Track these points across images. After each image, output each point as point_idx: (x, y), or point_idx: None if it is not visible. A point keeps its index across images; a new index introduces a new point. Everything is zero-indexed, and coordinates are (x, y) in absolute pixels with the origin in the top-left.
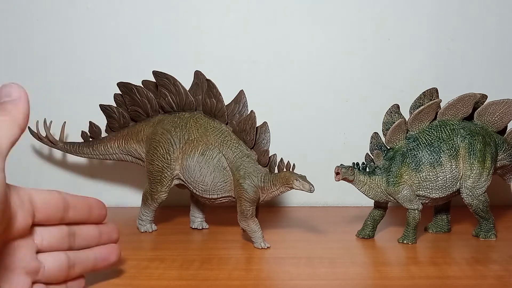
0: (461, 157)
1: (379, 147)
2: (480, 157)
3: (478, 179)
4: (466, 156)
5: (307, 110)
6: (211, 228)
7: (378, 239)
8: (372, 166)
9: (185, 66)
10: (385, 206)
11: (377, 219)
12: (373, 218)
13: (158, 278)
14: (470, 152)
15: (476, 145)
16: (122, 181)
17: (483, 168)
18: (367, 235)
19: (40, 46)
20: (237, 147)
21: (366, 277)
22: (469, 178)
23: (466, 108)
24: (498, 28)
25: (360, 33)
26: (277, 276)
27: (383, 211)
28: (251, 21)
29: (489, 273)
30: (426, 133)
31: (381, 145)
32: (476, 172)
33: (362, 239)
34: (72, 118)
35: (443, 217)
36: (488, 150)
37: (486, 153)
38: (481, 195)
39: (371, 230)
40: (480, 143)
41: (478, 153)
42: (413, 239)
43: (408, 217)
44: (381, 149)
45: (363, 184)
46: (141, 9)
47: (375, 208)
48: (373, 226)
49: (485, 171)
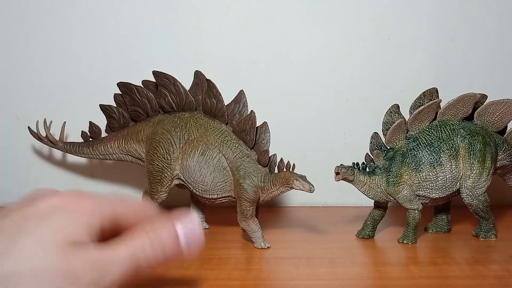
0: (461, 157)
1: (379, 147)
2: (480, 157)
3: (478, 179)
4: (466, 156)
5: (307, 110)
6: (211, 228)
7: (378, 239)
8: (372, 166)
9: (185, 66)
10: (385, 206)
11: (377, 219)
12: (373, 218)
13: (158, 278)
14: (470, 152)
15: (476, 145)
16: (122, 181)
17: (483, 168)
18: (367, 235)
19: (40, 46)
20: (237, 147)
21: (366, 277)
22: (469, 178)
23: (466, 108)
24: (498, 28)
25: (360, 33)
26: (277, 276)
27: (383, 211)
28: (251, 21)
29: (489, 273)
30: (426, 133)
31: (381, 145)
32: (476, 172)
33: (362, 239)
34: (72, 118)
35: (443, 217)
36: (488, 150)
37: (486, 153)
38: (481, 195)
39: (371, 230)
40: (480, 143)
41: (478, 153)
42: (413, 239)
43: (408, 217)
44: (381, 149)
45: (363, 184)
46: (141, 9)
47: (375, 208)
48: (373, 226)
49: (485, 171)
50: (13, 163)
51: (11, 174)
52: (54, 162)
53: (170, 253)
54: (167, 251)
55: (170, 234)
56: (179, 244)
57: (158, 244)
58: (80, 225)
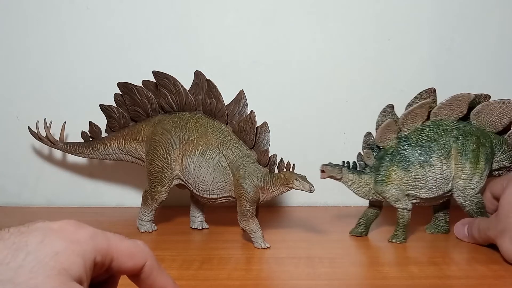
0: (453, 158)
1: (371, 146)
2: (472, 158)
3: (470, 180)
4: (458, 156)
5: (307, 110)
6: (211, 228)
7: (378, 239)
8: (363, 165)
9: (185, 66)
10: (379, 205)
11: (371, 218)
12: (367, 217)
13: None
14: (462, 152)
15: (468, 146)
16: (122, 181)
17: (476, 169)
18: (360, 233)
19: (40, 46)
20: (237, 147)
21: (366, 277)
22: (460, 178)
23: (460, 108)
24: (498, 28)
25: (360, 33)
26: (277, 276)
27: (377, 210)
28: (251, 21)
29: (489, 273)
30: (418, 133)
31: (373, 144)
32: (467, 173)
33: (360, 238)
34: (72, 118)
35: (441, 217)
36: (482, 151)
37: (479, 154)
38: (474, 196)
39: (363, 229)
40: (473, 143)
41: (470, 154)
42: (402, 238)
43: (397, 217)
44: (373, 149)
45: (352, 182)
46: (141, 9)
47: (369, 207)
48: (365, 225)
49: (477, 172)
50: (13, 163)
51: (11, 174)
52: (54, 162)
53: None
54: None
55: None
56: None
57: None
58: (76, 253)
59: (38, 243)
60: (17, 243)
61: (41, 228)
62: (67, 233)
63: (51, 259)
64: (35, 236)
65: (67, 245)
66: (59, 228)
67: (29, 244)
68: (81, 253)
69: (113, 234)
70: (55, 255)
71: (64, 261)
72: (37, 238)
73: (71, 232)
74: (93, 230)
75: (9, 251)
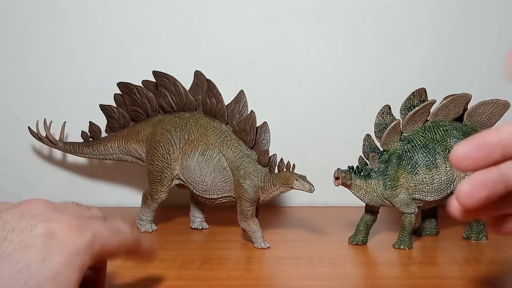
0: None
1: (373, 149)
2: None
3: None
4: None
5: (307, 110)
6: (211, 228)
7: (378, 240)
8: (367, 170)
9: (185, 66)
10: (377, 210)
11: (370, 224)
12: (366, 224)
13: (158, 278)
14: None
15: None
16: (122, 181)
17: None
18: (361, 241)
19: (40, 46)
20: (237, 147)
21: (366, 277)
22: (462, 180)
23: (457, 108)
24: (498, 28)
25: (360, 33)
26: (277, 276)
27: (375, 216)
28: (251, 21)
29: (489, 273)
30: (420, 135)
31: (375, 147)
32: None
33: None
34: (72, 118)
35: (431, 220)
36: None
37: None
38: None
39: (364, 236)
40: None
41: None
42: (409, 244)
43: (404, 222)
44: (375, 152)
45: (359, 188)
46: (141, 9)
47: (366, 212)
48: (366, 232)
49: None
50: (13, 163)
51: (11, 174)
52: (54, 162)
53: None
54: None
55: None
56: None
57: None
58: (75, 266)
59: (40, 262)
60: (19, 263)
61: (42, 237)
62: (68, 243)
63: (52, 281)
64: (37, 253)
65: (67, 261)
66: (60, 236)
67: (31, 264)
68: (80, 265)
69: (108, 229)
70: (56, 277)
71: (63, 280)
72: (39, 255)
73: (72, 241)
74: (91, 235)
75: (12, 273)
